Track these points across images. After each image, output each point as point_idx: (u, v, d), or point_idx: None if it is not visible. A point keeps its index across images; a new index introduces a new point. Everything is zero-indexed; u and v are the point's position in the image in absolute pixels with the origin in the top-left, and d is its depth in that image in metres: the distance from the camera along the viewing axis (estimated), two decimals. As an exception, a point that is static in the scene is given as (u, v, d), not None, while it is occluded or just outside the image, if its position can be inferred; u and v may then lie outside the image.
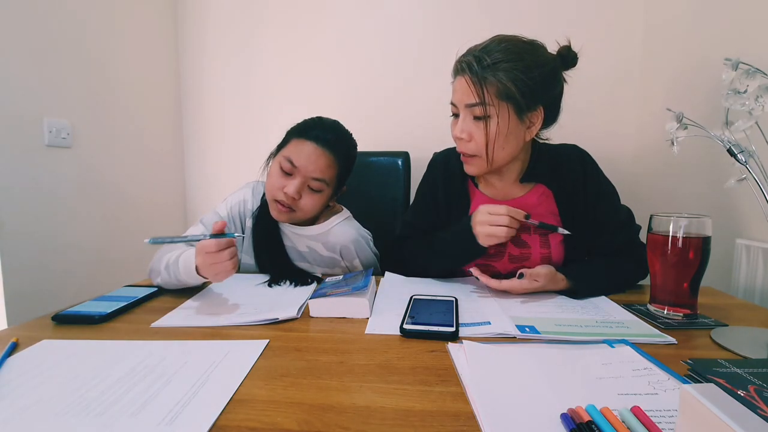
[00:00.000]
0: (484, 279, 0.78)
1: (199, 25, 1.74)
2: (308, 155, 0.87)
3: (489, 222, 0.77)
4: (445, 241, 0.86)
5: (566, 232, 0.79)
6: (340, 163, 0.91)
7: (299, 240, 0.98)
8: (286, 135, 0.94)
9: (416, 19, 1.57)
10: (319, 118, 0.95)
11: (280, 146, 0.93)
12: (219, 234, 0.72)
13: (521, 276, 0.76)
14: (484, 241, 0.78)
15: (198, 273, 0.74)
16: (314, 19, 1.63)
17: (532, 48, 0.79)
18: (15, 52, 1.17)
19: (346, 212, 1.03)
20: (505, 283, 0.76)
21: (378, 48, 1.60)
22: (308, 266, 1.00)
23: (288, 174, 0.89)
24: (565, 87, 0.83)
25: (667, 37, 1.38)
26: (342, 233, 0.96)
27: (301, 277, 0.89)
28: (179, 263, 0.77)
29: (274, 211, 0.92)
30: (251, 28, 1.68)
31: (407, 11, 1.57)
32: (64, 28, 1.30)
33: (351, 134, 0.99)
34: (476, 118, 0.79)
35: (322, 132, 0.90)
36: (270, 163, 0.94)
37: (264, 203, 0.97)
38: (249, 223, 1.00)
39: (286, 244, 1.00)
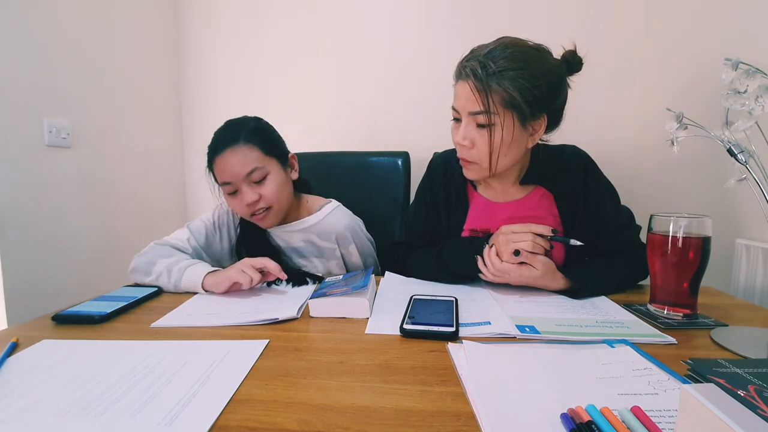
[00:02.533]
0: (483, 268, 0.78)
1: (199, 24, 1.74)
2: (225, 165, 0.89)
3: (513, 240, 0.75)
4: (452, 259, 0.85)
5: (579, 243, 0.75)
6: (253, 143, 0.91)
7: (293, 236, 1.00)
8: (209, 170, 0.95)
9: (417, 19, 1.57)
10: (214, 134, 0.95)
11: (216, 181, 0.95)
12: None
13: (517, 253, 0.74)
14: (508, 260, 0.75)
15: (203, 282, 0.80)
16: (315, 19, 1.63)
17: (538, 54, 0.77)
18: (15, 52, 1.17)
19: (335, 202, 1.05)
20: (503, 266, 0.75)
21: (378, 48, 1.60)
22: (305, 261, 1.03)
23: (235, 192, 0.91)
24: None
25: (667, 38, 1.38)
26: (336, 221, 0.99)
27: (298, 278, 0.89)
28: (184, 274, 0.82)
29: (260, 224, 0.96)
30: (251, 28, 1.68)
31: (408, 11, 1.57)
32: (64, 27, 1.30)
33: (244, 117, 0.98)
34: (479, 125, 0.78)
35: (219, 141, 0.91)
36: (221, 197, 0.97)
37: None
38: (238, 231, 1.03)
39: (280, 245, 1.02)
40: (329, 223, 0.99)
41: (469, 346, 0.54)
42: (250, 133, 0.91)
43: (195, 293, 0.81)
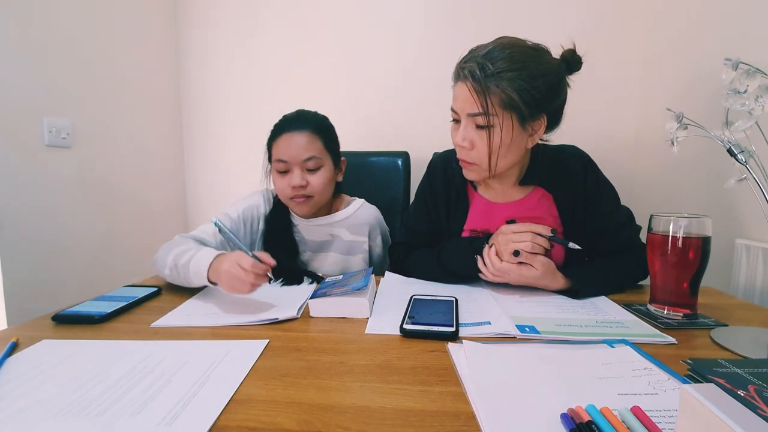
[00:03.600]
0: (483, 268, 0.78)
1: (199, 24, 1.74)
2: (289, 145, 0.94)
3: (512, 240, 0.75)
4: (452, 258, 0.85)
5: (577, 246, 0.74)
6: (319, 135, 0.96)
7: (321, 230, 1.03)
8: (267, 146, 1.00)
9: (416, 18, 1.57)
10: (283, 116, 1.00)
11: (269, 158, 1.00)
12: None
13: (517, 253, 0.74)
14: (508, 260, 0.76)
15: (207, 277, 0.74)
16: (315, 20, 1.63)
17: (537, 55, 0.77)
18: (15, 52, 1.16)
19: (361, 199, 1.11)
20: (503, 266, 0.75)
21: (378, 48, 1.60)
22: (323, 255, 1.05)
23: (286, 172, 0.96)
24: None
25: (667, 37, 1.38)
26: (368, 214, 1.06)
27: (296, 277, 0.88)
28: (190, 264, 0.77)
29: (296, 209, 0.99)
30: (251, 28, 1.68)
31: (407, 10, 1.57)
32: (64, 27, 1.30)
33: (316, 112, 1.04)
34: (478, 126, 0.78)
35: (289, 122, 0.97)
36: (270, 175, 1.01)
37: (276, 205, 1.04)
38: (262, 226, 1.05)
39: (306, 238, 1.05)
40: (361, 215, 1.05)
41: (469, 346, 0.54)
42: (319, 126, 0.98)
43: (195, 293, 0.81)
